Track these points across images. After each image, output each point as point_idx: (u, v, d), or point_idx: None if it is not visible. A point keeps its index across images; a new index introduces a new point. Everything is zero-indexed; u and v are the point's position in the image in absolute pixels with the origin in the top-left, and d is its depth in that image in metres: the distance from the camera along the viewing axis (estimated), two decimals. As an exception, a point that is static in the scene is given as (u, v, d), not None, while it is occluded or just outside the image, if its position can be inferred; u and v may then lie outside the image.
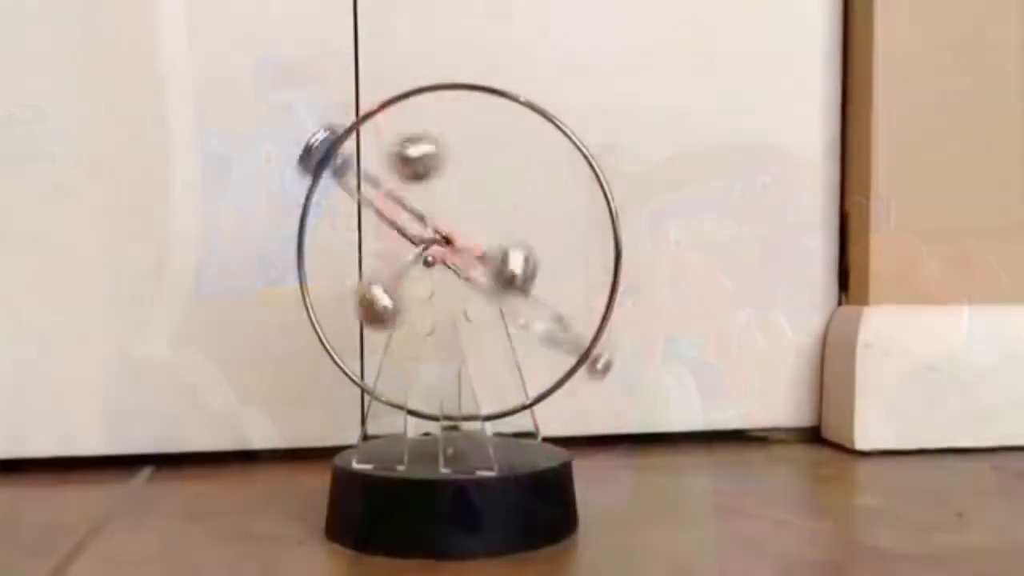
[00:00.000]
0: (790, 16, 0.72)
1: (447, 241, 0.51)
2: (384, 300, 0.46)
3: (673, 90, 0.71)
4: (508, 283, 0.46)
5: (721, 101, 0.71)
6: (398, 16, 0.67)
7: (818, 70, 0.73)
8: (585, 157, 0.48)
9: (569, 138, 0.48)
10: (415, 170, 0.47)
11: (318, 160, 0.50)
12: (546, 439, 0.53)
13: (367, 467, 0.49)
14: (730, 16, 0.71)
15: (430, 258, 0.49)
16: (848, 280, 0.73)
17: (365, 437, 0.51)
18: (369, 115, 0.50)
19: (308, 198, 0.51)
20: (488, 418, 0.50)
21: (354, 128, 0.51)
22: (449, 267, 0.49)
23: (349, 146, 0.50)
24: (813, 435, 0.74)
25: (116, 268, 0.66)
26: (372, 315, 0.46)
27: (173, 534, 0.51)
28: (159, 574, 0.45)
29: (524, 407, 0.51)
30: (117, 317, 0.66)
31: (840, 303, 0.74)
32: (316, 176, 0.51)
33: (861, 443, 0.68)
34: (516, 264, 0.46)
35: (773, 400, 0.73)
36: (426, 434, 0.52)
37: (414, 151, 0.47)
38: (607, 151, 0.49)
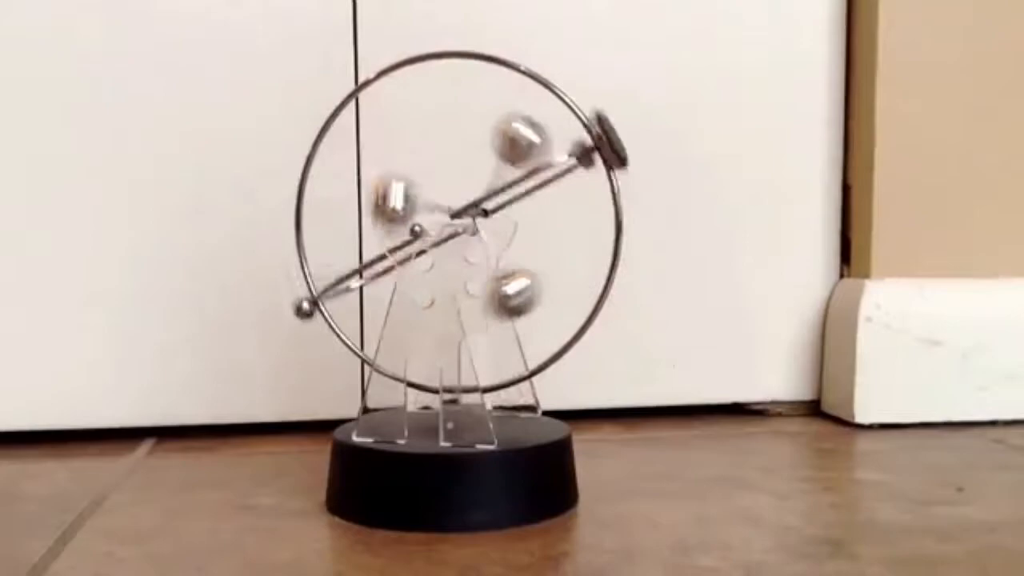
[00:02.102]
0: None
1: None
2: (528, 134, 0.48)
3: (674, 58, 0.70)
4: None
5: (723, 71, 0.71)
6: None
7: (823, 39, 0.72)
8: (585, 127, 0.48)
9: (570, 107, 0.48)
10: (515, 305, 0.47)
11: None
12: (546, 412, 0.53)
13: (367, 440, 0.49)
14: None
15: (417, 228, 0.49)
16: (850, 253, 0.73)
17: (365, 410, 0.50)
18: (366, 84, 0.50)
19: (306, 170, 0.51)
20: (487, 390, 0.50)
21: (353, 96, 0.50)
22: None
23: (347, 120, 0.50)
24: (813, 408, 0.74)
25: (114, 241, 0.66)
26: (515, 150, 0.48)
27: (174, 508, 0.51)
28: (160, 548, 0.45)
29: (522, 379, 0.51)
30: (114, 289, 0.66)
31: (842, 276, 0.73)
32: (315, 146, 0.50)
33: (861, 416, 0.68)
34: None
35: (773, 373, 0.73)
36: (426, 407, 0.52)
37: (512, 288, 0.47)
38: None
